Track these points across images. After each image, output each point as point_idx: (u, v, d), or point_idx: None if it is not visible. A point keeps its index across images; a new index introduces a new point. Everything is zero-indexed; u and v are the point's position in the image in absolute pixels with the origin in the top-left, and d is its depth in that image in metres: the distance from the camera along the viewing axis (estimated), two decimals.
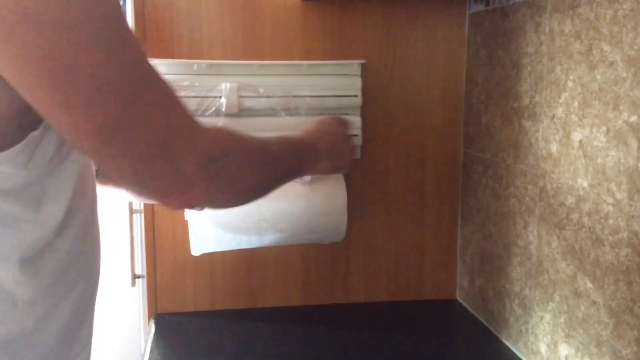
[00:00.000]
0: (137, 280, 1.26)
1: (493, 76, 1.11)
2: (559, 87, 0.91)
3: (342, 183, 1.13)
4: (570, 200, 0.89)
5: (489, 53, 1.12)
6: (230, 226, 1.08)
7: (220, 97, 1.11)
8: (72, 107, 0.52)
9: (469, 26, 1.21)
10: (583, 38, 0.84)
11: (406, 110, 1.23)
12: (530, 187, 1.00)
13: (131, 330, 1.65)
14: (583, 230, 0.86)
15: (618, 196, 0.78)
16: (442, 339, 1.15)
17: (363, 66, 1.19)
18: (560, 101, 0.91)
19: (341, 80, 1.17)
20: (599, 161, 0.82)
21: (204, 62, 1.12)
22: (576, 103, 0.87)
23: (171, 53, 1.14)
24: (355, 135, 1.17)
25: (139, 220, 1.23)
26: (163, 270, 1.21)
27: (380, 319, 1.22)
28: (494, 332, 1.14)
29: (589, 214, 0.84)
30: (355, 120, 1.17)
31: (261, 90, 1.13)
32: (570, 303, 0.90)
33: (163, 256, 1.20)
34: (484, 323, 1.18)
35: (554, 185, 0.93)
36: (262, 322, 1.19)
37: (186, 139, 0.60)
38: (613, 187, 0.79)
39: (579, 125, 0.86)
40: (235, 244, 1.10)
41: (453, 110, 1.24)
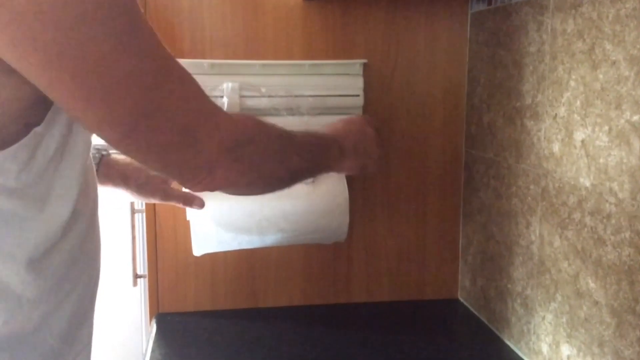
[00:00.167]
0: (139, 280, 1.26)
1: (495, 75, 1.11)
2: (561, 87, 0.90)
3: (344, 183, 1.13)
4: (572, 199, 0.88)
5: (491, 52, 1.12)
6: (231, 226, 1.08)
7: (222, 97, 1.11)
8: (94, 100, 0.53)
9: (471, 25, 1.21)
10: (585, 37, 0.84)
11: (408, 109, 1.23)
12: (532, 187, 1.00)
13: (132, 330, 1.65)
14: (585, 229, 0.86)
15: (620, 196, 0.78)
16: (444, 339, 1.15)
17: (365, 66, 1.18)
18: (562, 100, 0.90)
19: (343, 79, 1.17)
20: (601, 161, 0.82)
21: (206, 62, 1.12)
22: (578, 102, 0.86)
23: (173, 53, 1.13)
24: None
25: (141, 220, 1.23)
26: (164, 270, 1.21)
27: (382, 319, 1.22)
28: (496, 332, 1.14)
29: (592, 214, 0.84)
30: None
31: (263, 89, 1.13)
32: (572, 303, 0.90)
33: (164, 256, 1.20)
34: (486, 323, 1.18)
35: (556, 184, 0.93)
36: (264, 322, 1.19)
37: (209, 124, 0.61)
38: (615, 187, 0.79)
39: (581, 124, 0.86)
40: (236, 244, 1.10)
41: (455, 109, 1.24)
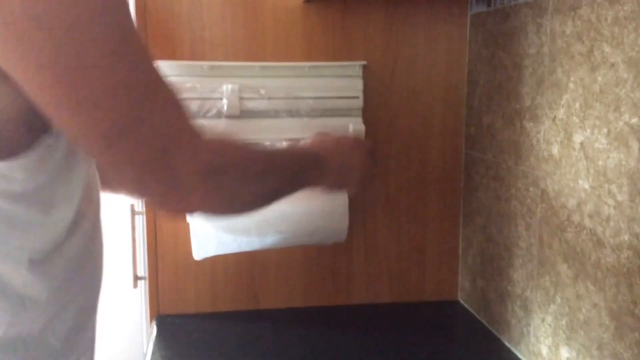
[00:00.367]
0: (139, 281, 1.26)
1: (494, 77, 1.11)
2: (560, 89, 0.90)
3: None
4: (571, 202, 0.88)
5: (491, 54, 1.12)
6: (231, 228, 1.08)
7: (221, 99, 1.11)
8: (81, 109, 0.53)
9: (471, 27, 1.21)
10: (584, 39, 0.84)
11: (408, 111, 1.23)
12: (531, 189, 1.00)
13: (133, 331, 1.66)
14: (584, 232, 0.86)
15: (619, 198, 0.78)
16: (444, 341, 1.15)
17: (364, 67, 1.19)
18: (561, 103, 0.90)
19: (343, 81, 1.17)
20: (600, 163, 0.81)
21: (206, 64, 1.12)
22: (577, 105, 0.86)
23: (173, 55, 1.14)
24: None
25: (141, 222, 1.23)
26: (165, 271, 1.21)
27: (381, 321, 1.22)
28: (496, 334, 1.14)
29: (590, 216, 0.84)
30: (356, 121, 1.17)
31: (262, 91, 1.13)
32: (571, 305, 0.90)
33: (165, 258, 1.20)
34: (486, 324, 1.18)
35: (555, 187, 0.93)
36: (264, 324, 1.19)
37: (188, 147, 0.60)
38: (614, 189, 0.79)
39: (580, 127, 0.86)
40: (236, 246, 1.10)
41: (454, 111, 1.24)
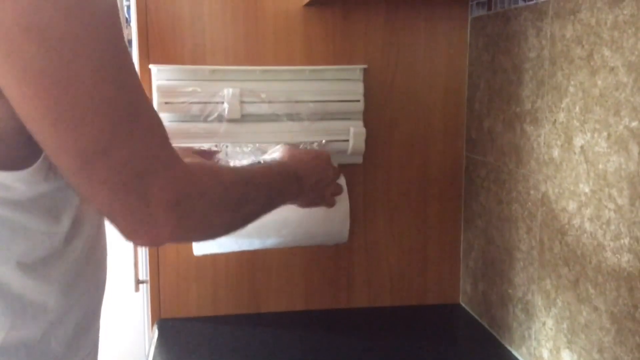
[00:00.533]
0: (141, 285, 1.26)
1: (495, 80, 1.11)
2: (561, 92, 0.90)
3: (345, 189, 1.13)
4: (571, 205, 0.88)
5: (491, 57, 1.12)
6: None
7: (222, 103, 1.11)
8: (61, 125, 0.52)
9: (471, 30, 1.21)
10: (584, 43, 0.84)
11: (408, 114, 1.23)
12: (532, 192, 1.00)
13: (135, 335, 1.66)
14: (585, 235, 0.86)
15: (619, 202, 0.78)
16: (445, 344, 1.15)
17: (365, 71, 1.19)
18: (561, 106, 0.90)
19: (343, 85, 1.17)
20: (600, 167, 0.82)
21: (207, 68, 1.13)
22: (577, 108, 0.86)
23: (174, 59, 1.15)
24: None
25: None
26: (166, 275, 1.21)
27: (383, 324, 1.22)
28: (497, 337, 1.14)
29: (591, 220, 0.84)
30: (357, 125, 1.17)
31: (263, 95, 1.13)
32: (572, 309, 0.90)
33: (166, 261, 1.21)
34: (487, 328, 1.18)
35: (556, 190, 0.93)
36: (265, 327, 1.19)
37: (161, 175, 0.58)
38: (614, 193, 0.79)
39: (581, 130, 0.86)
40: (237, 247, 1.10)
41: (455, 114, 1.24)
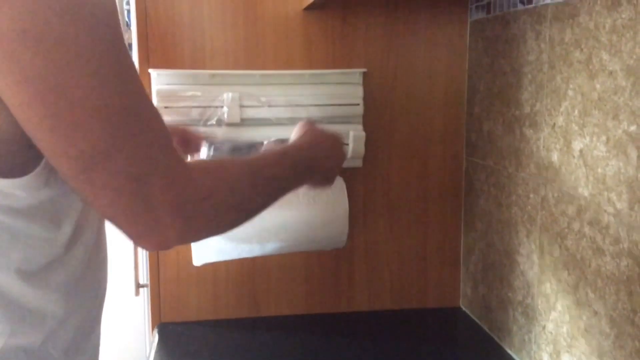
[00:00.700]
0: (141, 289, 1.26)
1: (494, 84, 1.11)
2: (559, 96, 0.90)
3: (344, 193, 1.13)
4: (571, 209, 0.88)
5: (490, 61, 1.12)
6: (231, 236, 1.08)
7: (222, 107, 1.12)
8: (59, 130, 0.52)
9: (470, 34, 1.21)
10: (583, 47, 0.84)
11: (408, 118, 1.23)
12: (532, 196, 0.99)
13: (135, 339, 1.66)
14: (584, 239, 0.85)
15: (618, 206, 0.78)
16: (446, 347, 1.15)
17: (365, 74, 1.19)
18: (560, 110, 0.90)
19: (343, 88, 1.17)
20: (599, 170, 0.81)
21: (207, 72, 1.13)
22: (576, 112, 0.86)
23: (174, 63, 1.15)
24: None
25: None
26: (166, 279, 1.21)
27: (383, 327, 1.22)
28: (497, 341, 1.14)
29: (590, 224, 0.84)
30: (357, 128, 1.17)
31: (263, 99, 1.13)
32: (572, 313, 0.89)
33: (166, 265, 1.21)
34: (487, 331, 1.18)
35: (555, 194, 0.92)
36: (266, 331, 1.19)
37: (166, 179, 0.57)
38: (613, 197, 0.79)
39: (579, 134, 0.86)
40: (236, 254, 1.10)
41: (455, 117, 1.24)
